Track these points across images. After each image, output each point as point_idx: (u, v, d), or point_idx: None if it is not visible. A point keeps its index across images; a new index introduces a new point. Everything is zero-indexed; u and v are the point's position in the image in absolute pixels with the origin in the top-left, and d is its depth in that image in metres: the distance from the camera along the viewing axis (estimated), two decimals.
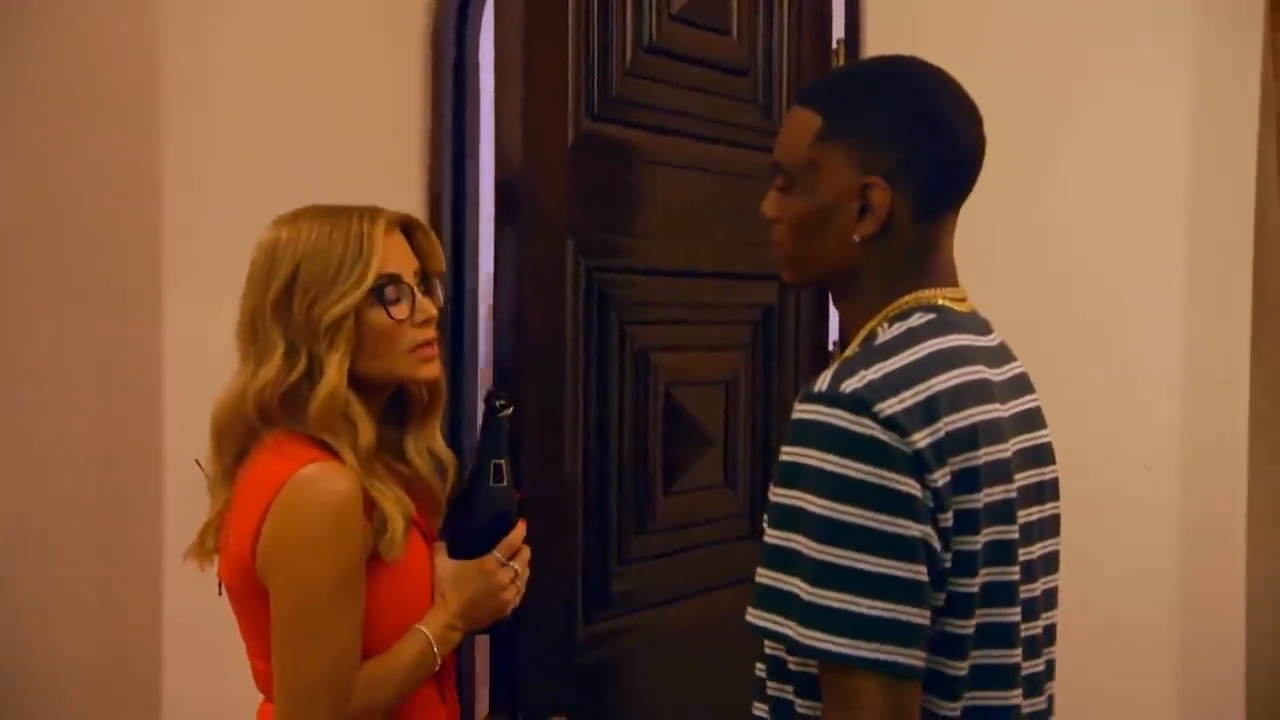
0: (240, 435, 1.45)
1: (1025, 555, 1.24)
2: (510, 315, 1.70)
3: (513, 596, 1.53)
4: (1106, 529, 2.17)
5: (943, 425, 1.13)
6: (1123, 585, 2.26)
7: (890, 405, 1.12)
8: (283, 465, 1.40)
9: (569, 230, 1.75)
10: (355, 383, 1.44)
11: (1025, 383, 1.32)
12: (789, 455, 1.14)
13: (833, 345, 2.38)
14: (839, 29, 2.36)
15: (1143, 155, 2.33)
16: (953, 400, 1.16)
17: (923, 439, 1.12)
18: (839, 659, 1.10)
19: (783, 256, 1.31)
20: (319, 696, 1.39)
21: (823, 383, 1.15)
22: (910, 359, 1.17)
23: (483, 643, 1.67)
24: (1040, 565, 1.28)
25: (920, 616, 1.11)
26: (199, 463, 1.49)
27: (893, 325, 1.23)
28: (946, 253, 1.28)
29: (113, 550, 2.34)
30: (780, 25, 2.15)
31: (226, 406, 1.45)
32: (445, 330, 2.19)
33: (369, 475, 1.43)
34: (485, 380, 2.23)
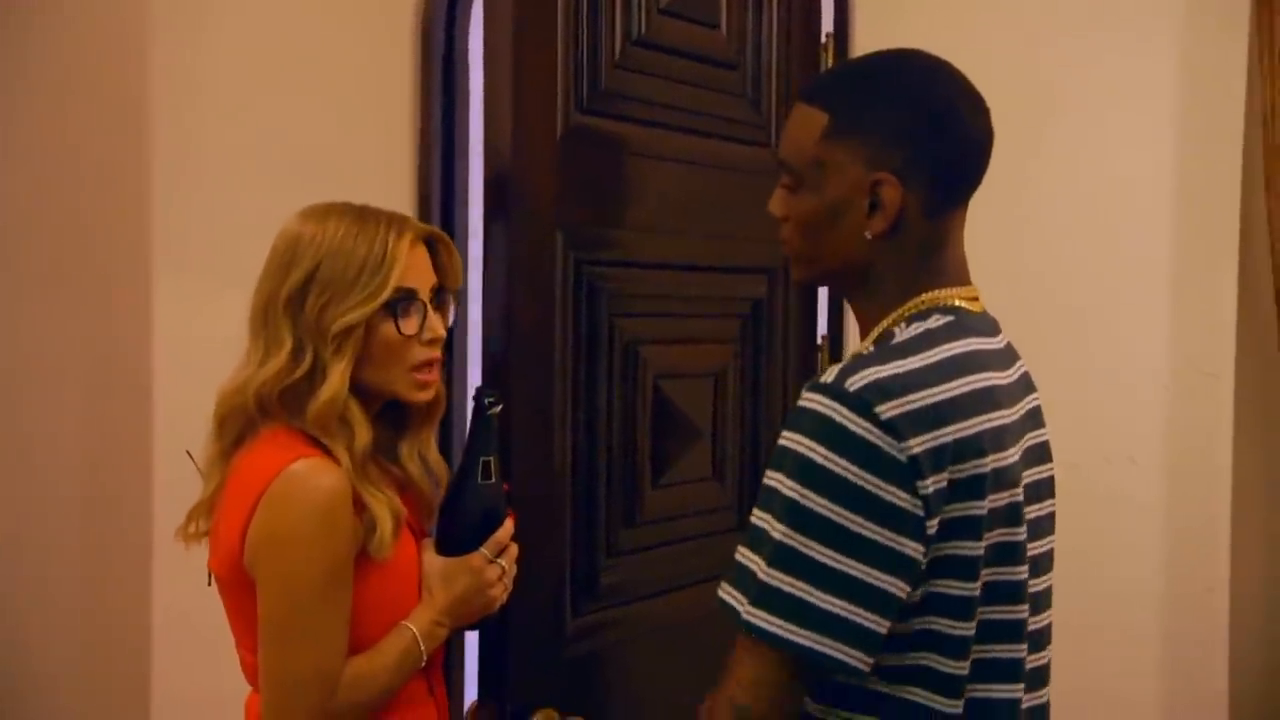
0: (240, 424, 1.46)
1: (1033, 551, 1.24)
2: (500, 306, 1.70)
3: (500, 593, 1.53)
4: (1091, 523, 2.18)
5: (949, 432, 1.12)
6: (1107, 579, 2.26)
7: (893, 407, 1.11)
8: (275, 458, 1.40)
9: (558, 223, 1.75)
10: (355, 387, 1.45)
11: (1029, 382, 1.32)
12: (782, 440, 1.14)
13: (820, 338, 2.39)
14: (828, 23, 2.37)
15: (1128, 149, 2.33)
16: (962, 408, 1.15)
17: (920, 444, 1.11)
18: (783, 644, 1.10)
19: (792, 255, 1.30)
20: (304, 691, 1.39)
21: (830, 375, 1.15)
22: (925, 361, 1.16)
23: (471, 636, 1.67)
24: (1043, 562, 1.29)
25: (875, 622, 1.10)
26: (190, 454, 1.49)
27: (911, 325, 1.22)
28: (957, 248, 1.27)
29: (102, 546, 2.33)
30: (769, 19, 2.16)
31: (229, 395, 1.46)
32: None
33: (362, 477, 1.43)
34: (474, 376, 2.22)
